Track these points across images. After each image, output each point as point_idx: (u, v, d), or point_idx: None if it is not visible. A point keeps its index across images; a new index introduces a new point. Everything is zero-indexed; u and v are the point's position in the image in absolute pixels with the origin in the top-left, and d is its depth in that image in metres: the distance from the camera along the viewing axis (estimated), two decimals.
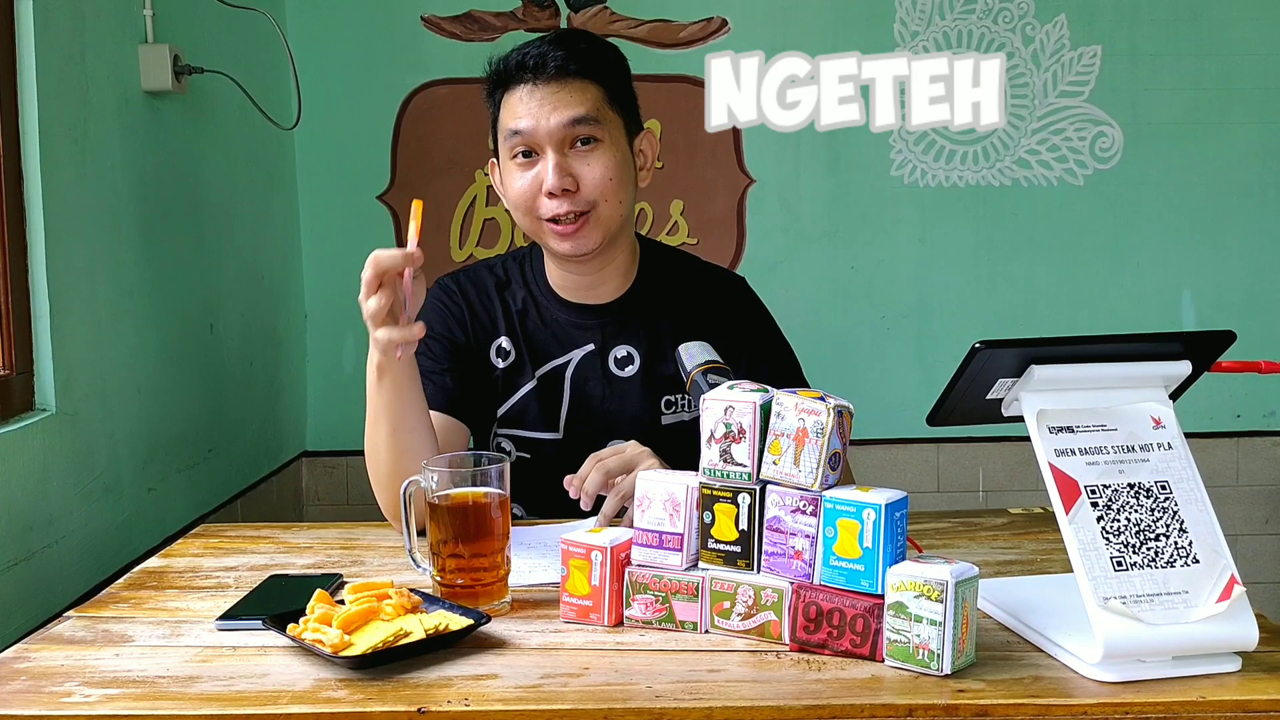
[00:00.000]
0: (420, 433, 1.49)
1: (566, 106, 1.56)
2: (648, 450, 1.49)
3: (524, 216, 1.61)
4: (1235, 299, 3.04)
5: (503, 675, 1.11)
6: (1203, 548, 1.10)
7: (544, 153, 1.57)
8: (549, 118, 1.56)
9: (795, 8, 2.97)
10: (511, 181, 1.60)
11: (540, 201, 1.58)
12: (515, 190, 1.59)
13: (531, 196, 1.58)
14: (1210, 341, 1.17)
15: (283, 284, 2.85)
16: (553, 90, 1.56)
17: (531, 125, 1.56)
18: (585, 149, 1.57)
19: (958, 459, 3.07)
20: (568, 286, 1.69)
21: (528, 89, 1.57)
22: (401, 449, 1.48)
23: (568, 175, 1.56)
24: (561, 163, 1.56)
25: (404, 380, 1.46)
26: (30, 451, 1.63)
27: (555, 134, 1.56)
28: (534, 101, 1.56)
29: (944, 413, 1.18)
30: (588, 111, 1.57)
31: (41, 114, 1.67)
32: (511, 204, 1.62)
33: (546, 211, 1.58)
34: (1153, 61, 2.99)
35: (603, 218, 1.59)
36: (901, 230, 3.03)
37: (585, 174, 1.57)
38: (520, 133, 1.57)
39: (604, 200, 1.58)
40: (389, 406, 1.47)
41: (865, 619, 1.11)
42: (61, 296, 1.72)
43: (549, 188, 1.56)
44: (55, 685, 1.11)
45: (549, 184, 1.55)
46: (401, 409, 1.47)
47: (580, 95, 1.57)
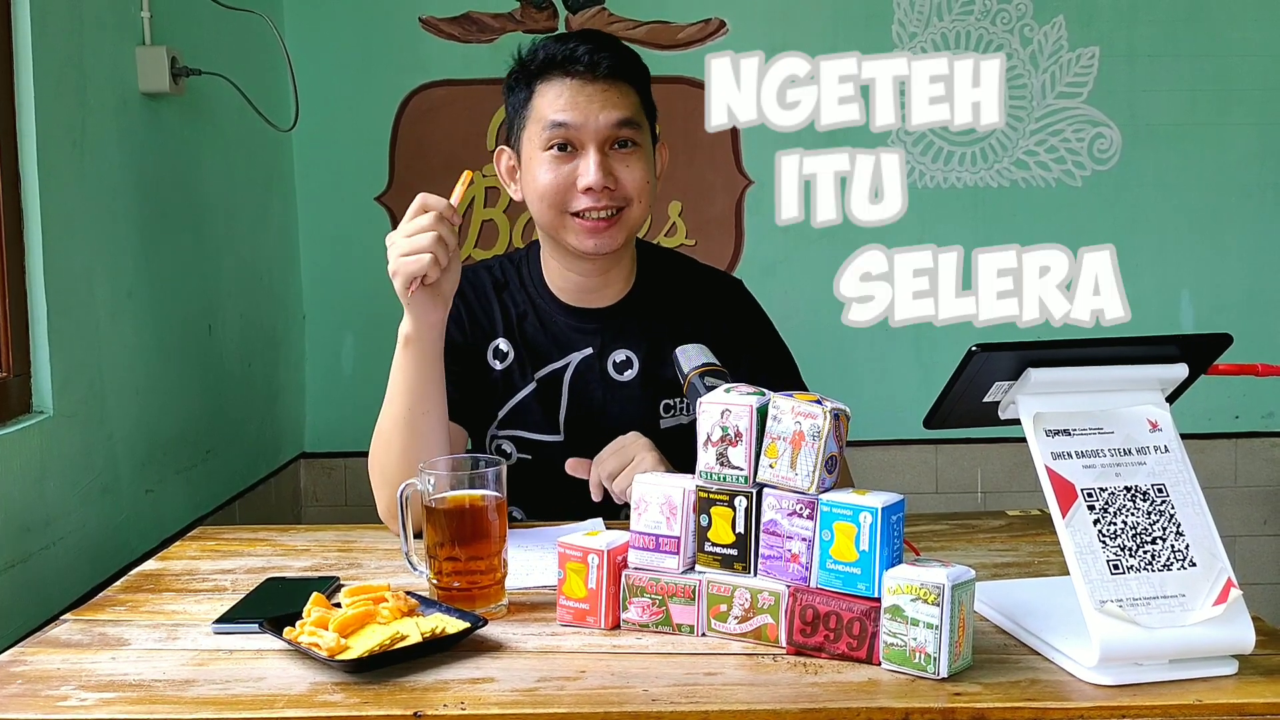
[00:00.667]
0: (434, 418, 1.51)
1: (615, 107, 1.57)
2: (645, 442, 1.51)
3: (549, 209, 1.60)
4: (1234, 300, 3.04)
5: (499, 679, 1.11)
6: (1199, 551, 1.10)
7: (584, 149, 1.57)
8: (598, 115, 1.56)
9: (793, 9, 2.97)
10: (540, 172, 1.59)
11: (574, 196, 1.58)
12: (544, 181, 1.59)
13: (565, 190, 1.58)
14: (1207, 344, 1.17)
15: (281, 285, 2.85)
16: (602, 89, 1.57)
17: (580, 120, 1.56)
18: (625, 151, 1.59)
19: (956, 460, 3.07)
20: (567, 289, 1.69)
21: (577, 83, 1.57)
22: (414, 433, 1.49)
23: (610, 174, 1.57)
24: (604, 161, 1.57)
25: (430, 353, 1.49)
26: (27, 453, 1.63)
27: (602, 132, 1.57)
28: (582, 97, 1.57)
29: (941, 416, 1.18)
30: (633, 115, 1.59)
31: (39, 116, 1.67)
32: (536, 194, 1.61)
33: (578, 205, 1.58)
34: (1151, 62, 2.99)
35: (631, 219, 1.61)
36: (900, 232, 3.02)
37: (624, 175, 1.58)
38: (566, 125, 1.57)
39: (637, 202, 1.60)
40: (410, 383, 1.49)
41: (862, 622, 1.11)
42: (59, 298, 1.72)
43: (592, 183, 1.56)
44: (51, 689, 1.11)
45: (592, 180, 1.56)
46: (422, 388, 1.49)
47: (626, 98, 1.59)
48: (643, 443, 1.51)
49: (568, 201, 1.58)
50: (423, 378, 1.49)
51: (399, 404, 1.50)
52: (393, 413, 1.51)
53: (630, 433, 1.54)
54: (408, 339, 1.49)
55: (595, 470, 1.52)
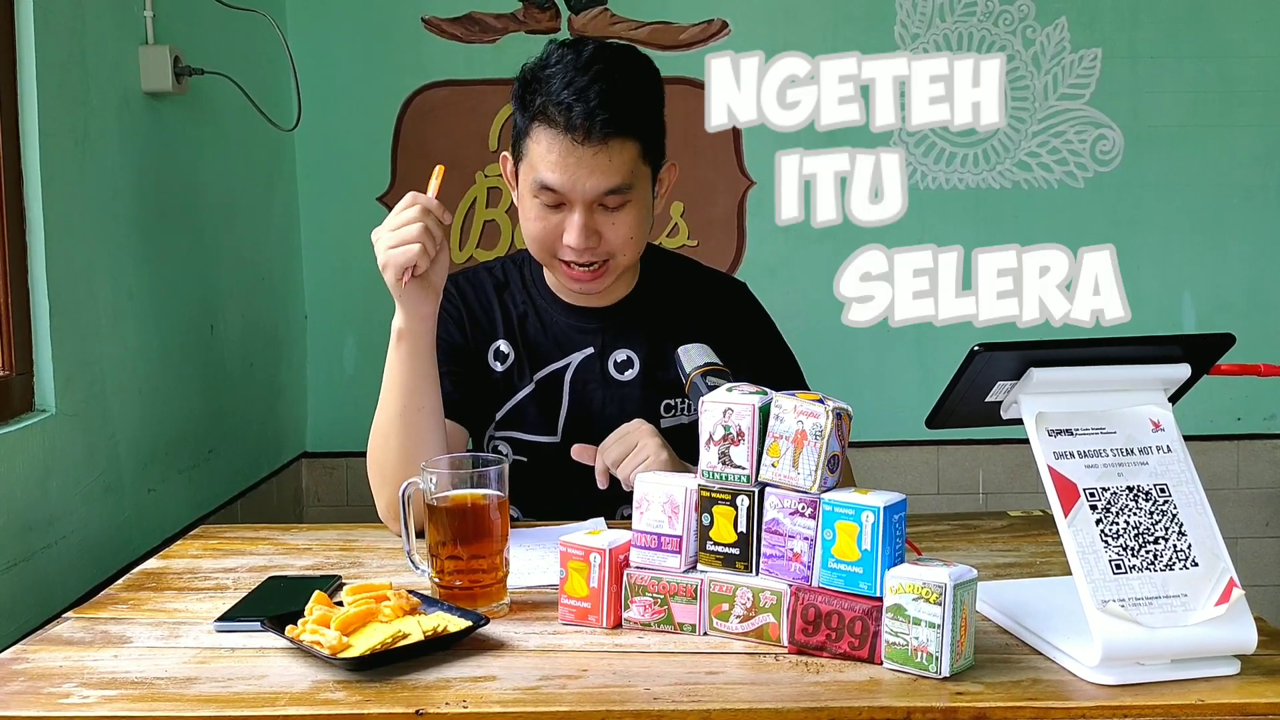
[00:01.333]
0: (429, 415, 1.50)
1: (604, 174, 1.51)
2: (649, 428, 1.51)
3: (537, 250, 1.60)
4: (1236, 301, 3.04)
5: (501, 677, 1.11)
6: (1202, 551, 1.10)
7: (572, 206, 1.54)
8: (585, 182, 1.51)
9: (795, 10, 2.97)
10: (530, 217, 1.58)
11: (560, 246, 1.57)
12: (533, 229, 1.58)
13: (551, 240, 1.57)
14: (1209, 344, 1.17)
15: (283, 285, 2.85)
16: (593, 152, 1.50)
17: (567, 186, 1.52)
18: (613, 209, 1.55)
19: (958, 461, 3.07)
20: (568, 291, 1.69)
21: (567, 144, 1.50)
22: (409, 429, 1.49)
23: (593, 234, 1.55)
24: (588, 221, 1.54)
25: (423, 347, 1.49)
26: (30, 452, 1.63)
27: (589, 196, 1.53)
28: (571, 159, 1.50)
29: (943, 415, 1.18)
30: (623, 180, 1.53)
31: (42, 115, 1.67)
32: (525, 234, 1.60)
33: (564, 255, 1.58)
34: (1153, 64, 2.99)
35: (618, 266, 1.61)
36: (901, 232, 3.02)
37: (609, 232, 1.56)
38: (551, 188, 1.53)
39: (622, 254, 1.59)
40: (403, 377, 1.49)
41: (864, 621, 1.11)
42: (61, 297, 1.72)
43: (574, 244, 1.54)
44: (54, 686, 1.11)
45: (574, 241, 1.54)
46: (415, 383, 1.49)
47: (619, 159, 1.52)
48: (646, 429, 1.51)
49: (554, 249, 1.58)
50: (417, 373, 1.49)
51: (394, 401, 1.50)
52: (388, 410, 1.51)
53: (634, 420, 1.54)
54: (401, 334, 1.49)
55: (600, 458, 1.52)
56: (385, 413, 1.52)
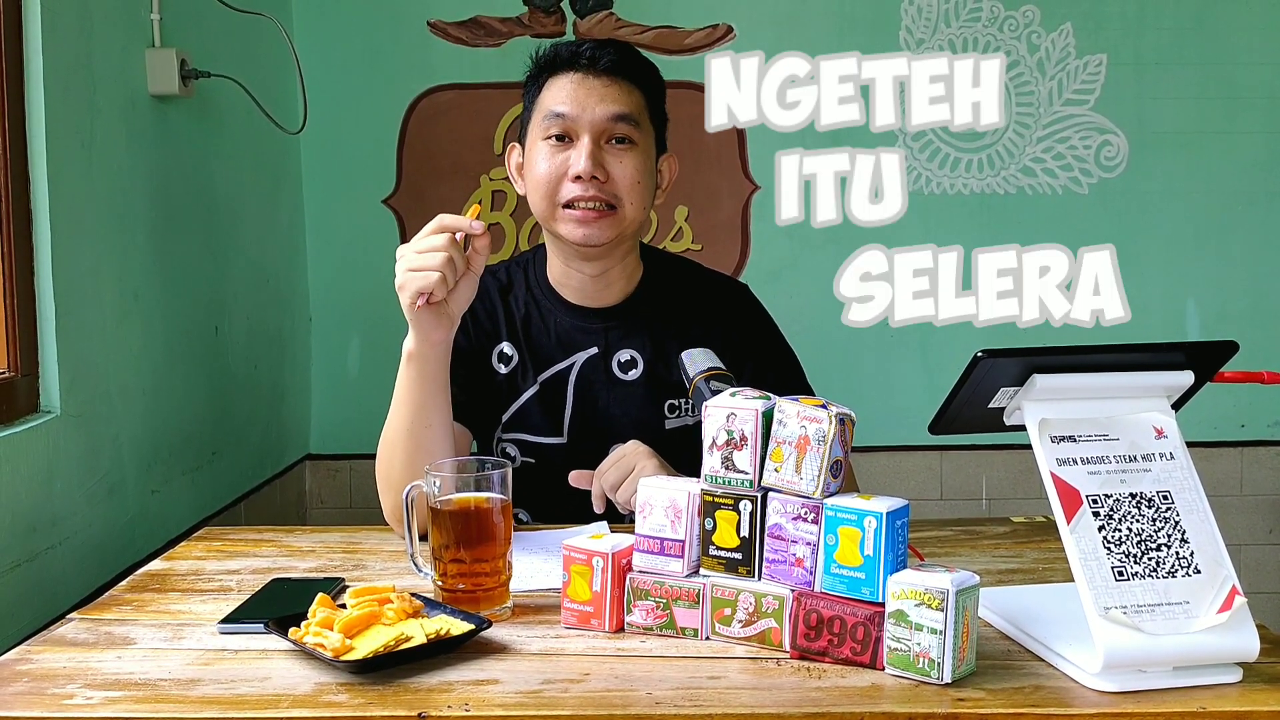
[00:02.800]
0: (437, 430, 1.50)
1: (613, 101, 1.59)
2: (645, 450, 1.51)
3: (542, 200, 1.61)
4: (1240, 308, 3.04)
5: (503, 680, 1.11)
6: (1204, 558, 1.10)
7: (579, 139, 1.59)
8: (595, 107, 1.59)
9: (800, 15, 2.97)
10: (538, 161, 1.60)
11: (564, 185, 1.59)
12: (540, 171, 1.60)
13: (556, 179, 1.59)
14: (1213, 352, 1.17)
15: (288, 287, 2.85)
16: (603, 83, 1.60)
17: (576, 111, 1.58)
18: (620, 147, 1.60)
19: (961, 466, 3.07)
20: (571, 289, 1.69)
21: (578, 76, 1.60)
22: (418, 445, 1.49)
23: (599, 165, 1.58)
24: (595, 152, 1.58)
25: (433, 370, 1.48)
26: (35, 453, 1.63)
27: (597, 124, 1.58)
28: (582, 89, 1.59)
29: (946, 421, 1.18)
30: (630, 111, 1.60)
31: (48, 117, 1.68)
32: (532, 185, 1.62)
33: (567, 194, 1.59)
34: (1158, 70, 2.99)
35: (624, 219, 1.61)
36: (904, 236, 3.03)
37: (616, 170, 1.59)
38: (563, 115, 1.59)
39: (629, 201, 1.60)
40: (412, 396, 1.49)
41: (866, 627, 1.11)
42: (67, 299, 1.72)
43: (579, 171, 1.57)
44: (57, 687, 1.11)
45: (580, 168, 1.57)
46: (424, 401, 1.49)
47: (627, 95, 1.61)
48: (643, 450, 1.51)
49: (559, 191, 1.59)
50: (426, 393, 1.49)
51: (403, 417, 1.50)
52: (396, 424, 1.51)
53: (630, 441, 1.54)
54: (410, 355, 1.48)
55: (597, 482, 1.52)
56: (394, 427, 1.52)
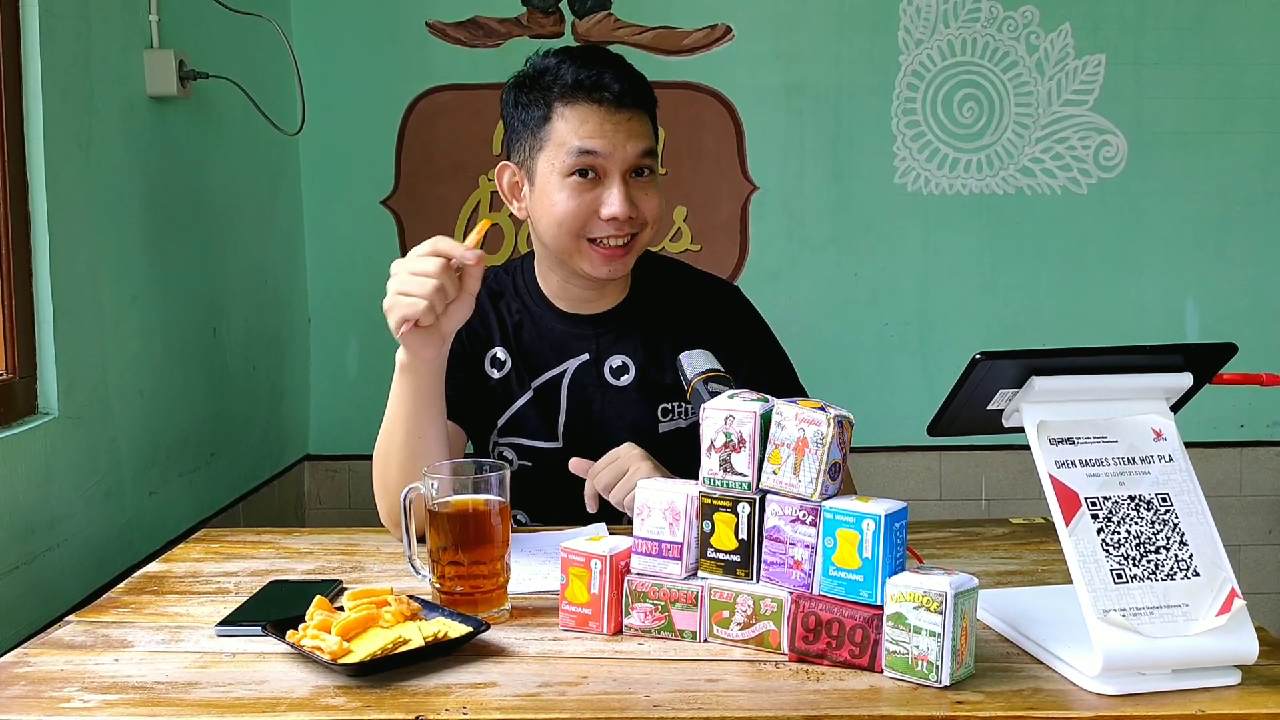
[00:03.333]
0: (432, 441, 1.49)
1: (640, 138, 1.58)
2: (639, 452, 1.51)
3: (564, 236, 1.58)
4: (1239, 308, 3.04)
5: (501, 683, 1.11)
6: (1203, 560, 1.09)
7: (608, 177, 1.56)
8: (625, 145, 1.56)
9: (799, 15, 2.97)
10: (561, 198, 1.57)
11: (595, 223, 1.57)
12: (564, 208, 1.57)
13: (585, 217, 1.57)
14: (1211, 354, 1.17)
15: (286, 288, 2.85)
16: (627, 118, 1.57)
17: (608, 149, 1.55)
18: (644, 179, 1.60)
19: (961, 467, 3.07)
20: (564, 297, 1.69)
21: (604, 111, 1.56)
22: (412, 454, 1.48)
23: (633, 204, 1.57)
24: (627, 191, 1.57)
25: (425, 384, 1.47)
26: (32, 455, 1.63)
27: (628, 161, 1.57)
28: (610, 125, 1.56)
29: (944, 423, 1.18)
30: (653, 144, 1.60)
31: (46, 118, 1.68)
32: (554, 219, 1.58)
33: (598, 232, 1.58)
34: (1157, 70, 2.99)
35: (642, 244, 1.62)
36: (905, 238, 3.03)
37: (644, 203, 1.59)
38: (595, 153, 1.55)
39: (650, 228, 1.61)
40: (406, 408, 1.48)
41: (864, 629, 1.11)
42: (65, 300, 1.72)
43: (618, 213, 1.55)
44: (55, 690, 1.11)
45: (618, 210, 1.55)
46: (418, 412, 1.48)
47: (646, 128, 1.60)
48: (637, 453, 1.51)
49: (587, 228, 1.58)
50: (419, 404, 1.47)
51: (397, 427, 1.49)
52: (392, 433, 1.50)
53: (624, 444, 1.53)
54: (403, 367, 1.46)
55: (590, 483, 1.52)
56: (389, 435, 1.50)
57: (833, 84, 2.99)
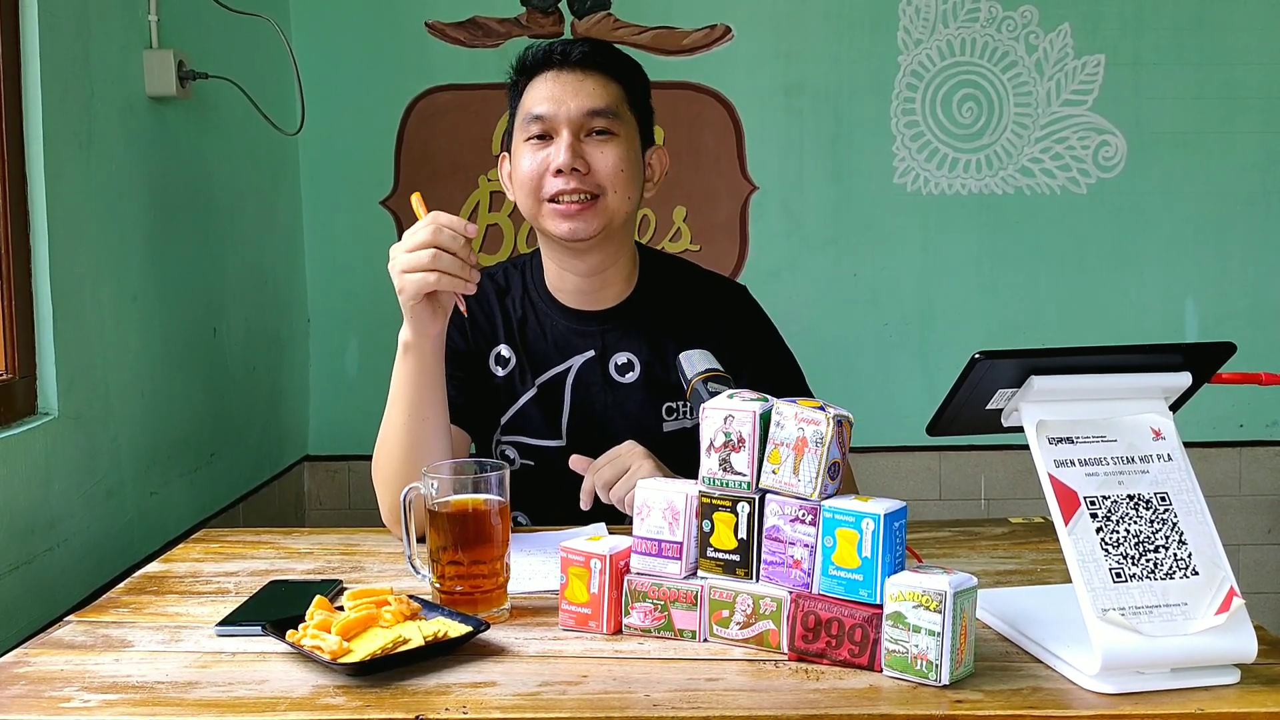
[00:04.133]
0: (433, 424, 1.50)
1: (588, 96, 1.60)
2: (641, 450, 1.50)
3: (527, 198, 1.62)
4: (1239, 308, 3.04)
5: (501, 683, 1.11)
6: (1202, 560, 1.10)
7: (559, 135, 1.59)
8: (569, 102, 1.59)
9: (799, 16, 2.97)
10: (521, 162, 1.62)
11: (546, 180, 1.59)
12: (523, 171, 1.61)
13: (538, 176, 1.60)
14: (1210, 353, 1.17)
15: (286, 288, 2.85)
16: (576, 78, 1.60)
17: (552, 110, 1.59)
18: (600, 139, 1.61)
19: (960, 467, 3.07)
20: (567, 292, 1.69)
21: (552, 74, 1.61)
22: (414, 439, 1.49)
23: (580, 158, 1.59)
24: (575, 145, 1.59)
25: (429, 362, 1.48)
26: (32, 455, 1.63)
27: (574, 119, 1.59)
28: (557, 86, 1.60)
29: (944, 423, 1.18)
30: (607, 104, 1.61)
31: (46, 118, 1.68)
32: (517, 186, 1.64)
33: (551, 189, 1.59)
34: (1156, 70, 2.99)
35: (608, 208, 1.61)
36: (904, 238, 3.03)
37: (597, 160, 1.60)
38: (541, 117, 1.60)
39: (612, 190, 1.60)
40: (409, 389, 1.49)
41: (864, 629, 1.11)
42: (65, 300, 1.72)
43: (559, 164, 1.57)
44: (55, 690, 1.11)
45: (559, 161, 1.57)
46: (420, 394, 1.49)
47: (602, 89, 1.61)
48: (639, 451, 1.51)
49: (543, 187, 1.60)
50: (422, 384, 1.49)
51: (399, 410, 1.51)
52: (393, 419, 1.51)
53: (626, 441, 1.54)
54: (407, 345, 1.48)
55: (589, 477, 1.52)
56: (391, 422, 1.52)
57: (832, 84, 2.99)
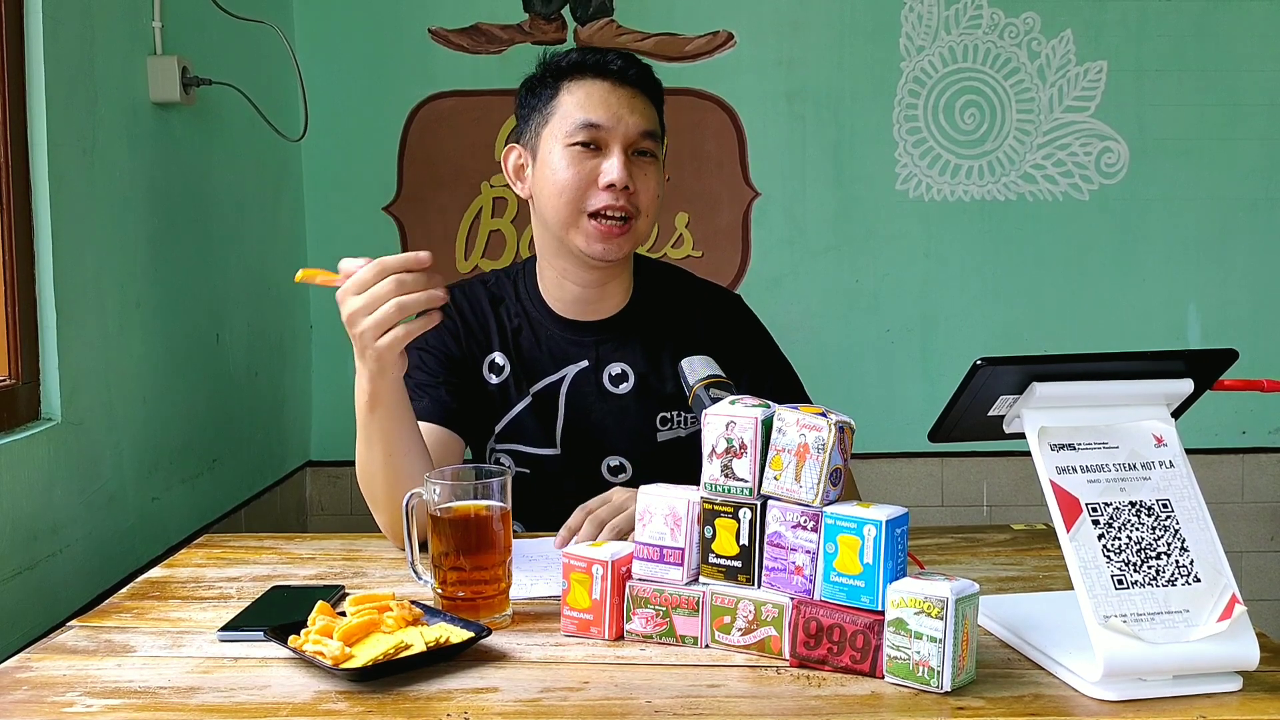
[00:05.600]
0: (414, 455, 1.48)
1: (641, 116, 1.61)
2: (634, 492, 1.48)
3: (565, 205, 1.59)
4: (1241, 314, 3.04)
5: (503, 688, 1.11)
6: (1204, 566, 1.09)
7: (609, 148, 1.59)
8: (628, 118, 1.59)
9: (801, 22, 2.97)
10: (561, 166, 1.58)
11: (594, 193, 1.58)
12: (563, 177, 1.58)
13: (585, 186, 1.58)
14: (1212, 360, 1.17)
15: (288, 294, 2.86)
16: (631, 95, 1.61)
17: (611, 121, 1.58)
18: (644, 160, 1.61)
19: (962, 473, 3.07)
20: (563, 302, 1.69)
21: (609, 85, 1.60)
22: (397, 473, 1.46)
23: (631, 177, 1.59)
24: (627, 163, 1.59)
25: (396, 406, 1.45)
26: (35, 460, 1.64)
27: (630, 135, 1.59)
28: (614, 98, 1.59)
29: (945, 429, 1.18)
30: (653, 127, 1.62)
31: (50, 124, 1.68)
32: (553, 190, 1.59)
33: (596, 203, 1.58)
34: (1158, 77, 2.99)
35: (639, 232, 1.62)
36: (906, 244, 3.03)
37: (641, 184, 1.60)
38: (597, 125, 1.58)
39: (646, 215, 1.62)
40: (383, 433, 1.45)
41: (865, 635, 1.11)
42: (68, 306, 1.73)
43: (615, 180, 1.56)
44: (57, 695, 1.11)
45: (616, 176, 1.56)
46: (397, 434, 1.46)
47: (651, 111, 1.63)
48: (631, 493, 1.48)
49: (586, 199, 1.58)
50: (396, 424, 1.44)
51: (378, 453, 1.45)
52: (373, 459, 1.46)
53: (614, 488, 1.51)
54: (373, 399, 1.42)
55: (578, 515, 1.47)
56: (370, 460, 1.46)
57: (834, 90, 2.99)
